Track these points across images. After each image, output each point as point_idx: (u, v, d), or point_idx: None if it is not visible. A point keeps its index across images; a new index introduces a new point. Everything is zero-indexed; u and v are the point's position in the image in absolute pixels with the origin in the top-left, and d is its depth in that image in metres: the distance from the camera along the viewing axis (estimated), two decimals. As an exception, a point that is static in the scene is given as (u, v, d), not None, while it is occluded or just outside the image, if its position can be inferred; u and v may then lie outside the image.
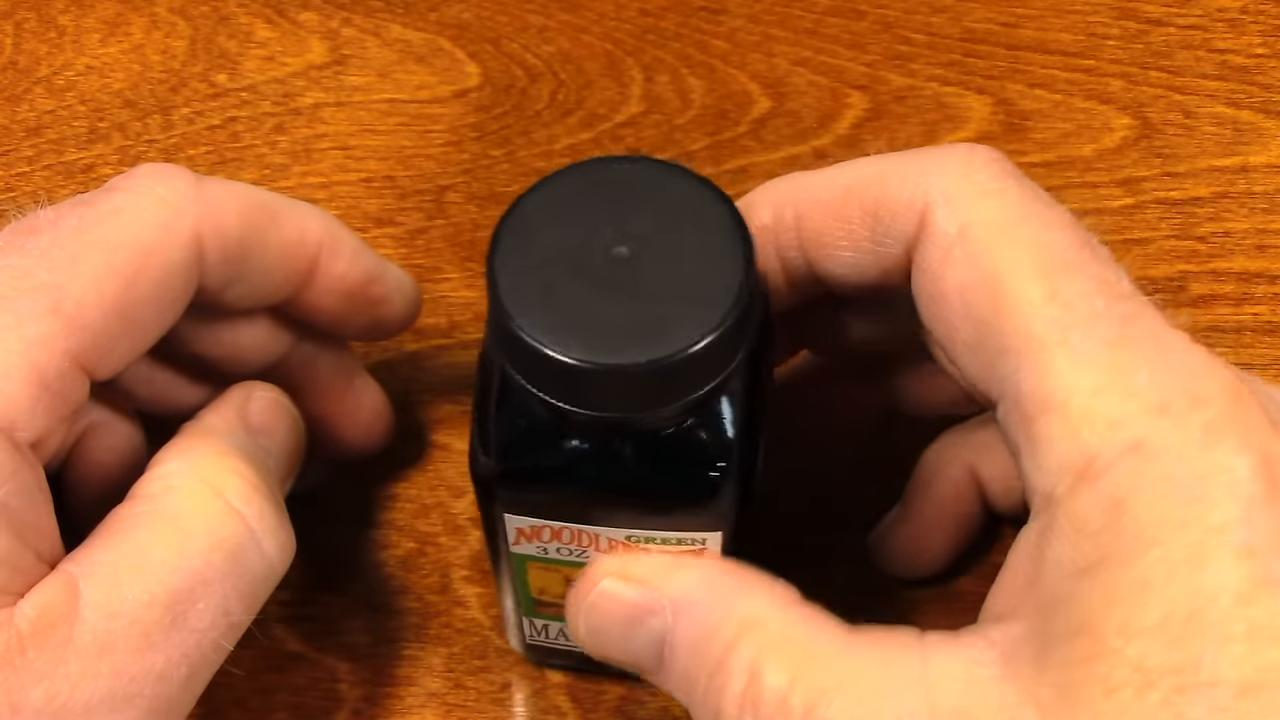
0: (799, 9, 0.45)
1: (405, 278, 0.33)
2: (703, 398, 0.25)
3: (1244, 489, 0.23)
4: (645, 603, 0.26)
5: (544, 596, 0.31)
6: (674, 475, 0.27)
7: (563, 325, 0.25)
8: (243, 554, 0.28)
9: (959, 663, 0.24)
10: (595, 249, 0.25)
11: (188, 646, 0.27)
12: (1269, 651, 0.22)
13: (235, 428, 0.30)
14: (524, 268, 0.25)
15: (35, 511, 0.27)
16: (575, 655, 0.32)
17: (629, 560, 0.26)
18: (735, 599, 0.25)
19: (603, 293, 0.25)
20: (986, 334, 0.25)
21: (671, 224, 0.26)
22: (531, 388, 0.25)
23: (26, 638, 0.26)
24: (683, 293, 0.25)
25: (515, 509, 0.28)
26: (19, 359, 0.27)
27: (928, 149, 0.27)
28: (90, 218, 0.28)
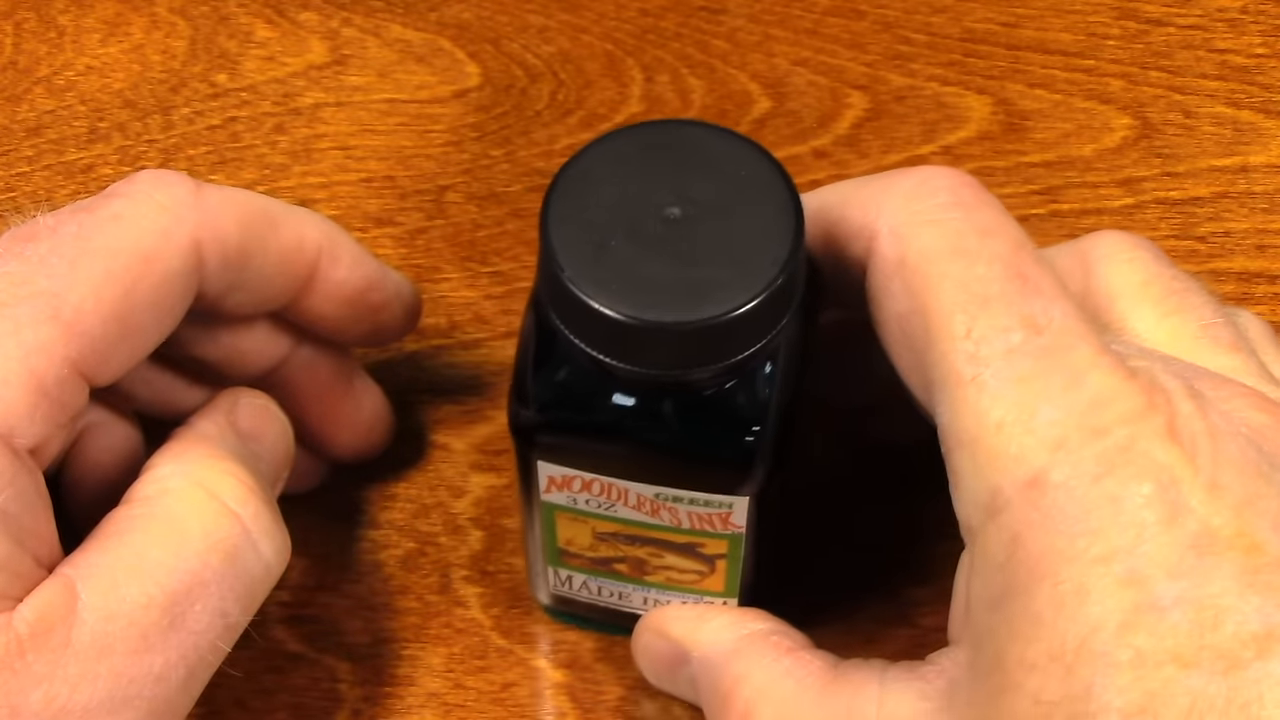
0: (799, 9, 0.45)
1: (405, 284, 0.33)
2: (744, 361, 0.26)
3: (1133, 517, 0.23)
4: (677, 654, 0.30)
5: (570, 547, 0.31)
6: (710, 436, 0.28)
7: (612, 281, 0.25)
8: (239, 555, 0.28)
9: (908, 697, 0.26)
10: (648, 209, 0.26)
11: (185, 648, 0.27)
12: (1155, 676, 0.22)
13: (227, 432, 0.31)
14: (577, 222, 0.26)
15: (34, 517, 0.27)
16: (598, 609, 0.33)
17: (666, 616, 0.30)
18: (736, 656, 0.28)
19: (653, 252, 0.25)
20: (919, 366, 0.26)
21: (724, 188, 0.26)
22: (577, 341, 0.26)
23: (25, 641, 0.26)
24: (732, 256, 0.25)
25: (550, 458, 0.29)
26: (18, 365, 0.27)
27: (888, 174, 0.28)
28: (90, 224, 0.28)
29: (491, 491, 0.36)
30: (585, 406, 0.28)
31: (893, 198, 0.27)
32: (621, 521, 0.30)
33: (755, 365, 0.27)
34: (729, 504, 0.29)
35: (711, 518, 0.29)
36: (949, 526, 0.26)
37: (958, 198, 0.26)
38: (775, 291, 0.25)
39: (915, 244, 0.26)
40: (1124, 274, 0.28)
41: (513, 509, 0.36)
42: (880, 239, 0.27)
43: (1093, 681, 0.23)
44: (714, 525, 0.29)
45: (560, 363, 0.28)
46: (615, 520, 0.30)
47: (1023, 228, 0.26)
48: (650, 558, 0.31)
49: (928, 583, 0.35)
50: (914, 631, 0.34)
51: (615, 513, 0.30)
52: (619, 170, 0.26)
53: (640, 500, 0.29)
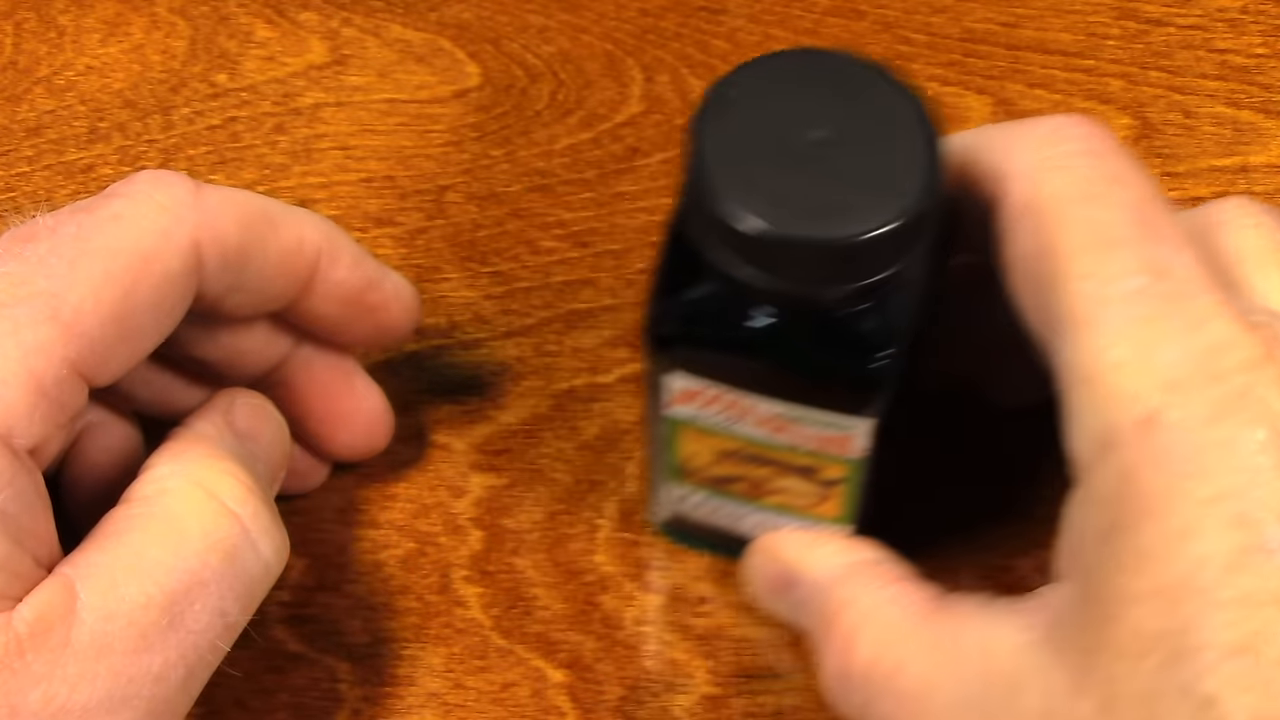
0: (799, 9, 0.45)
1: (405, 285, 0.33)
2: (878, 284, 0.27)
3: (1246, 461, 0.24)
4: (786, 577, 0.31)
5: (690, 464, 0.32)
6: (840, 357, 0.28)
7: (758, 196, 0.26)
8: (239, 555, 0.28)
9: (1013, 629, 0.26)
10: (795, 130, 0.27)
11: (185, 647, 0.27)
12: (1258, 615, 0.23)
13: (224, 432, 0.31)
14: (725, 138, 0.27)
15: (33, 517, 0.27)
16: (711, 530, 0.34)
17: (778, 540, 0.31)
18: (844, 581, 0.29)
19: (798, 170, 0.26)
20: (1043, 305, 0.27)
21: (870, 116, 0.27)
22: (721, 254, 0.27)
23: (25, 640, 0.26)
24: (874, 180, 0.26)
25: (682, 370, 0.29)
26: (17, 366, 0.27)
27: (1022, 120, 0.29)
28: (89, 224, 0.28)
29: (491, 491, 0.36)
30: (721, 321, 0.28)
31: (1026, 143, 0.28)
32: (744, 439, 0.31)
33: (889, 291, 0.28)
34: (851, 427, 0.29)
35: (833, 440, 0.30)
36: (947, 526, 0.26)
37: (1090, 145, 0.27)
38: (914, 217, 0.26)
39: (1046, 187, 0.27)
40: (1249, 239, 0.29)
41: (513, 509, 0.36)
42: (1012, 181, 0.27)
43: (1194, 618, 0.23)
44: (834, 448, 0.30)
45: (700, 278, 0.28)
46: (738, 438, 0.31)
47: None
48: (768, 479, 0.32)
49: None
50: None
51: (739, 430, 0.30)
52: (768, 92, 0.27)
53: (765, 418, 0.30)
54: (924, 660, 0.27)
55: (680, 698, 0.34)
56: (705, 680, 0.34)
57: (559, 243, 0.40)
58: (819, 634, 0.29)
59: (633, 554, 0.36)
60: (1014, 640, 0.26)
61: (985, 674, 0.26)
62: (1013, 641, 0.26)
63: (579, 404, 0.38)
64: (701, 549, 0.35)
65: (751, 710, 0.33)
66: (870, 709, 0.28)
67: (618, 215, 0.41)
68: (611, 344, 0.39)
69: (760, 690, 0.34)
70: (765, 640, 0.34)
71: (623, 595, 0.35)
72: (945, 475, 0.35)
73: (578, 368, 0.38)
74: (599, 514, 0.36)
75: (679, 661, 0.34)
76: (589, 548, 0.36)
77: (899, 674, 0.27)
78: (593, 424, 0.37)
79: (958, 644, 0.27)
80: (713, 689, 0.34)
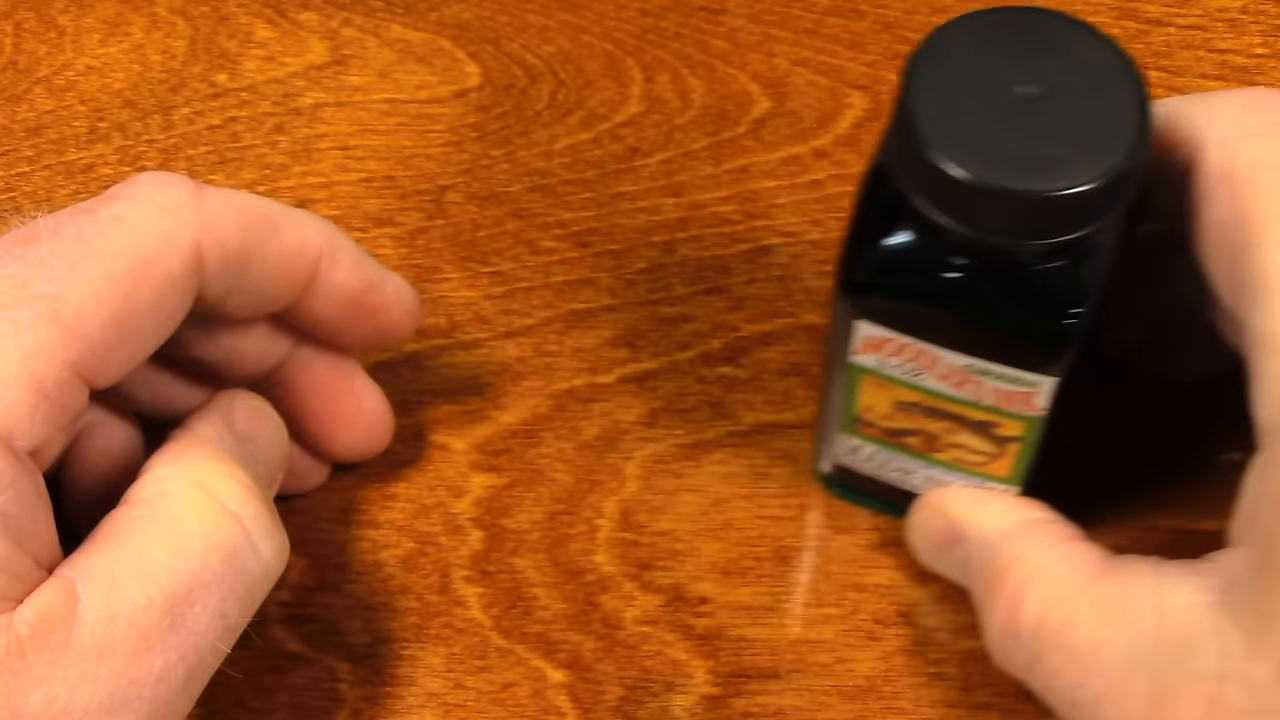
0: (799, 9, 0.45)
1: (405, 287, 0.33)
2: (1076, 241, 0.27)
3: None
4: (953, 533, 0.31)
5: (867, 415, 0.33)
6: (1031, 312, 0.29)
7: (964, 145, 0.27)
8: (239, 556, 0.28)
9: (1186, 591, 0.27)
10: (1003, 84, 0.27)
11: (185, 649, 0.27)
12: None
13: (224, 434, 0.31)
14: (934, 89, 0.27)
15: (34, 518, 0.27)
16: (878, 484, 0.35)
17: (947, 495, 0.32)
18: (1013, 538, 0.30)
19: (1004, 124, 0.27)
20: (1235, 271, 0.27)
21: (1078, 74, 0.28)
22: (922, 203, 0.27)
23: (26, 642, 0.26)
24: (1079, 137, 0.27)
25: (871, 318, 0.30)
26: (18, 368, 0.27)
27: (1218, 91, 0.29)
28: (90, 226, 0.28)
29: (491, 491, 0.36)
30: (916, 271, 0.29)
31: (1223, 112, 0.28)
32: (924, 391, 0.31)
33: (1085, 249, 0.28)
34: (1035, 383, 0.30)
35: (1014, 396, 0.30)
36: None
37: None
38: (1118, 176, 0.26)
39: (1243, 155, 0.27)
40: None
41: (513, 509, 0.36)
42: (1208, 149, 0.28)
43: None
44: (1015, 405, 0.30)
45: (898, 228, 0.29)
46: (919, 389, 0.31)
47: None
48: (943, 434, 0.32)
49: (929, 582, 0.35)
50: (914, 631, 0.34)
51: (921, 381, 0.31)
52: (979, 46, 0.28)
53: (949, 370, 0.30)
54: (1094, 618, 0.28)
55: (680, 698, 0.34)
56: (705, 680, 0.34)
57: (559, 243, 0.40)
58: (984, 589, 0.30)
59: (633, 554, 0.36)
60: (1187, 601, 0.26)
61: (1157, 634, 0.27)
62: (1186, 603, 0.26)
63: (579, 404, 0.38)
64: (861, 503, 0.36)
65: (751, 710, 0.33)
66: (1037, 665, 0.28)
67: (618, 215, 0.41)
68: (611, 344, 0.39)
69: (760, 690, 0.34)
70: (765, 640, 0.34)
71: (623, 595, 0.35)
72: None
73: (578, 368, 0.38)
74: (599, 514, 0.36)
75: (679, 661, 0.34)
76: (589, 548, 0.36)
77: (1068, 630, 0.28)
78: (593, 424, 0.37)
79: (1128, 603, 0.27)
80: (713, 689, 0.34)
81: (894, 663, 0.34)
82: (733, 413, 0.37)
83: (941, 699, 0.33)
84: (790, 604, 0.35)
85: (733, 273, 0.40)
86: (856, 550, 0.35)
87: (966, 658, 0.34)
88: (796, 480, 0.36)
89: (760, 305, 0.39)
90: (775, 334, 0.39)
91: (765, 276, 0.39)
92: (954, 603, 0.34)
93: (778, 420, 0.37)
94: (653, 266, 0.40)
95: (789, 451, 0.37)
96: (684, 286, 0.39)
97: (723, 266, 0.40)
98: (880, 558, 0.35)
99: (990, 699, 0.33)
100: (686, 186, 0.41)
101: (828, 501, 0.36)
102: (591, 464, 0.37)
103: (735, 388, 0.38)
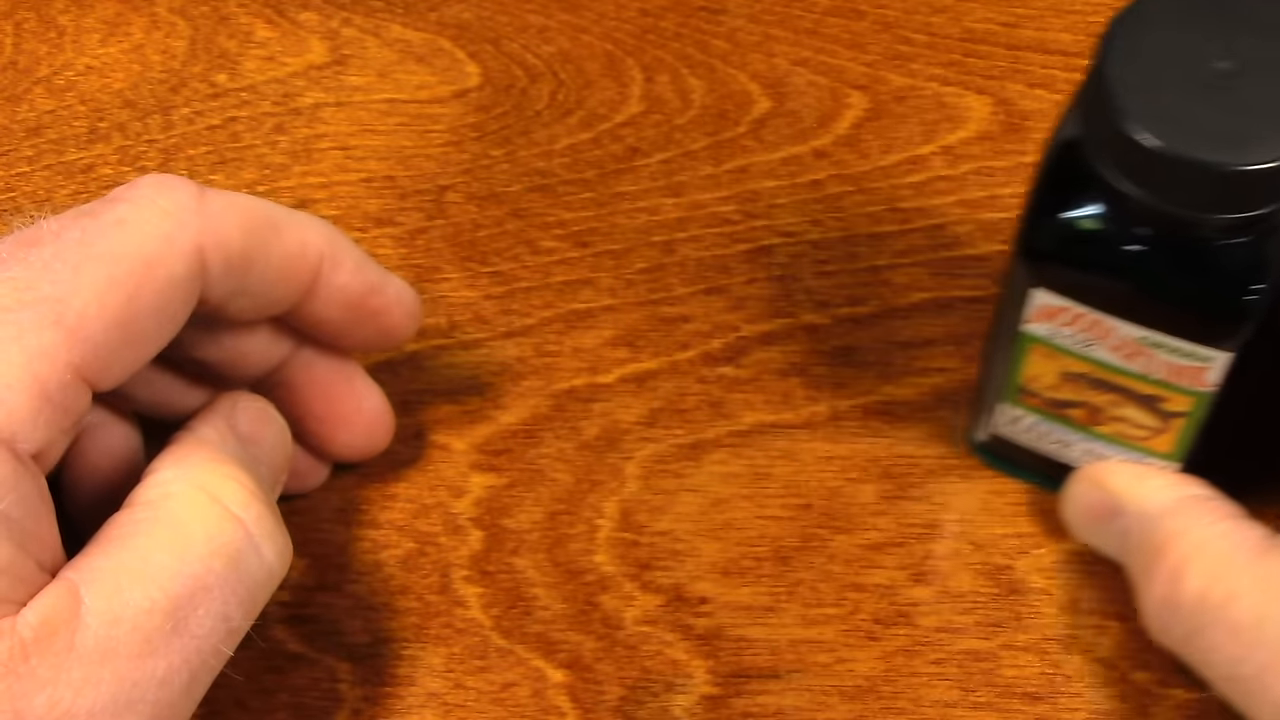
0: (799, 9, 0.45)
1: (406, 289, 0.33)
2: (1262, 217, 0.28)
3: None
4: (1110, 507, 0.32)
5: (1031, 385, 0.33)
6: (1211, 286, 0.29)
7: (1158, 115, 0.27)
8: (242, 559, 0.28)
9: None
10: (1200, 58, 0.28)
11: (188, 652, 0.27)
12: None
13: (227, 436, 0.31)
14: (1131, 58, 0.28)
15: (37, 521, 0.27)
16: (1033, 456, 0.35)
17: (1106, 469, 0.33)
18: (1174, 514, 0.30)
19: (1199, 97, 0.27)
20: None
21: (1275, 51, 0.28)
22: (1111, 170, 0.28)
23: (29, 645, 0.26)
24: (1273, 114, 0.27)
25: (1050, 285, 0.30)
26: (21, 371, 0.27)
27: None
28: (93, 229, 0.28)
29: (491, 491, 0.36)
30: (1099, 242, 0.29)
31: None
32: (1094, 363, 0.31)
33: (1268, 226, 0.28)
34: (1209, 359, 0.30)
35: (1186, 371, 0.30)
36: (947, 526, 0.26)
37: None
38: None
39: None
40: None
41: (513, 509, 0.36)
42: None
43: None
44: (1185, 380, 0.31)
45: (1082, 198, 0.29)
46: (1088, 360, 0.31)
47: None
48: (1108, 406, 0.32)
49: (929, 582, 0.35)
50: (914, 631, 0.34)
51: (1092, 352, 0.31)
52: (1176, 19, 0.28)
53: (1122, 342, 0.30)
54: (1257, 594, 0.28)
55: (680, 698, 0.34)
56: (705, 680, 0.34)
57: (559, 243, 0.40)
58: (1144, 563, 0.30)
59: (633, 554, 0.36)
60: None
61: None
62: None
63: (579, 404, 0.38)
64: (1014, 474, 0.36)
65: (751, 710, 0.33)
66: (1196, 639, 0.29)
67: (618, 215, 0.41)
68: (611, 344, 0.39)
69: (760, 690, 0.34)
70: (765, 640, 0.34)
71: (623, 595, 0.35)
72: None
73: (578, 368, 0.38)
74: (599, 514, 0.36)
75: (679, 661, 0.34)
76: (589, 548, 0.36)
77: (1230, 605, 0.28)
78: (593, 424, 0.37)
79: None
80: (713, 689, 0.34)
81: (894, 663, 0.34)
82: (733, 413, 0.37)
83: (941, 699, 0.33)
84: (789, 604, 0.35)
85: (733, 273, 0.40)
86: (856, 550, 0.35)
87: (967, 657, 0.34)
88: (797, 480, 0.36)
89: (760, 305, 0.39)
90: (775, 334, 0.39)
91: (765, 276, 0.39)
92: (954, 602, 0.34)
93: (778, 420, 0.37)
94: (653, 266, 0.40)
95: (789, 451, 0.37)
96: (684, 286, 0.39)
97: (723, 266, 0.40)
98: (880, 558, 0.35)
99: (990, 699, 0.33)
100: (686, 186, 0.41)
101: (829, 502, 0.36)
102: (591, 464, 0.37)
103: (735, 388, 0.38)
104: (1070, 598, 0.34)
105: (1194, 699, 0.33)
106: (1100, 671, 0.33)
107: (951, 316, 0.39)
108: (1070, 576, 0.35)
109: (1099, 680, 0.33)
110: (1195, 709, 0.33)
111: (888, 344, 0.38)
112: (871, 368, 0.38)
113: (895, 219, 0.40)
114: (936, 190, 0.41)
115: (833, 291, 0.39)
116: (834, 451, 0.37)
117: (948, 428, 0.37)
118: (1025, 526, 0.35)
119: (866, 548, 0.35)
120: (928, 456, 0.36)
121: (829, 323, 0.39)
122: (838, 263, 0.40)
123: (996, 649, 0.34)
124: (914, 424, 0.37)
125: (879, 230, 0.40)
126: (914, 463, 0.36)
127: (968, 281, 0.39)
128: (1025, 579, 0.35)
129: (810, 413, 0.37)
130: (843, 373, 0.38)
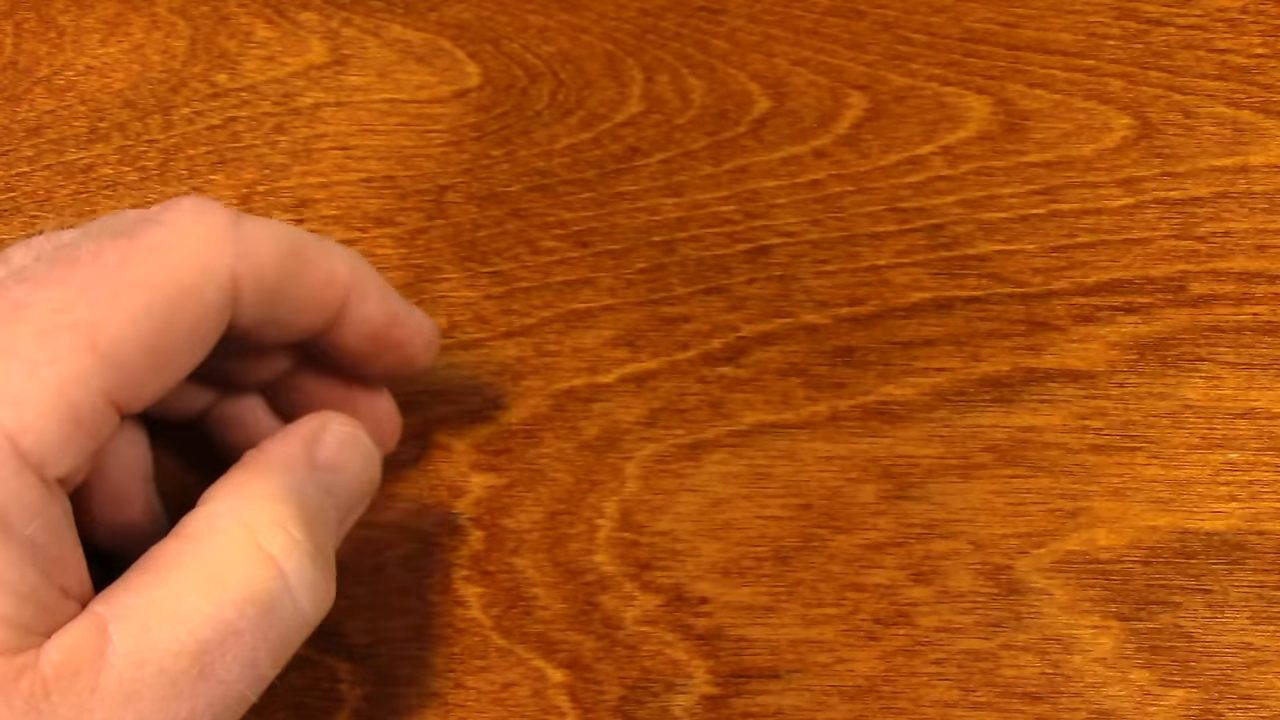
0: (799, 9, 0.45)
1: (426, 320, 0.33)
2: None
3: None
4: None
5: None
6: None
7: None
8: (277, 607, 0.28)
9: None
10: None
11: (213, 697, 0.27)
12: None
13: (297, 464, 0.30)
14: None
15: (62, 546, 0.27)
16: None
17: None
18: None
19: None
20: None
21: None
22: None
23: (51, 682, 0.25)
24: None
25: None
26: (54, 396, 0.27)
27: None
28: (132, 254, 0.28)
29: (491, 491, 0.36)
30: None
31: None
32: None
33: None
34: None
35: None
36: (947, 526, 0.26)
37: None
38: None
39: None
40: None
41: (513, 509, 0.36)
42: None
43: None
44: None
45: None
46: None
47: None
48: None
49: (929, 582, 0.35)
50: (914, 631, 0.34)
51: None
52: None
53: None
54: None
55: (680, 698, 0.34)
56: (705, 680, 0.34)
57: (559, 243, 0.40)
58: None
59: (633, 554, 0.36)
60: None
61: None
62: None
63: (579, 404, 0.38)
64: None
65: (751, 710, 0.33)
66: None
67: (618, 215, 0.41)
68: (611, 344, 0.39)
69: (760, 690, 0.34)
70: (765, 640, 0.34)
71: (623, 595, 0.35)
72: None
73: (578, 368, 0.38)
74: (599, 514, 0.36)
75: (679, 661, 0.34)
76: (589, 548, 0.36)
77: None
78: (593, 424, 0.37)
79: None
80: (713, 689, 0.34)
81: (894, 663, 0.34)
82: (733, 413, 0.37)
83: (941, 699, 0.33)
84: (790, 603, 0.35)
85: (733, 273, 0.40)
86: (856, 550, 0.35)
87: (966, 657, 0.34)
88: (796, 480, 0.36)
89: (760, 305, 0.39)
90: (775, 334, 0.39)
91: (765, 276, 0.39)
92: (954, 602, 0.34)
93: (778, 420, 0.37)
94: (653, 266, 0.40)
95: (789, 451, 0.37)
96: (684, 286, 0.39)
97: (723, 266, 0.40)
98: (880, 558, 0.35)
99: (990, 699, 0.33)
100: (686, 186, 0.41)
101: (829, 502, 0.36)
102: (591, 464, 0.37)
103: (735, 388, 0.38)
104: (1070, 598, 0.34)
105: (1194, 699, 0.33)
106: (1100, 671, 0.33)
107: (951, 316, 0.39)
108: (1070, 576, 0.35)
109: (1099, 680, 0.33)
110: (1195, 709, 0.33)
111: (888, 344, 0.38)
112: (871, 368, 0.38)
113: (895, 219, 0.40)
114: (936, 190, 0.41)
115: (833, 291, 0.39)
116: (834, 451, 0.37)
117: (948, 427, 0.37)
118: (1025, 526, 0.35)
119: (866, 548, 0.35)
120: (928, 456, 0.36)
121: (829, 323, 0.39)
122: (838, 263, 0.40)
123: (996, 649, 0.34)
124: (914, 424, 0.37)
125: (879, 230, 0.40)
126: (914, 463, 0.36)
127: (968, 281, 0.39)
128: (1025, 579, 0.35)
129: (810, 413, 0.37)
130: (843, 373, 0.38)
